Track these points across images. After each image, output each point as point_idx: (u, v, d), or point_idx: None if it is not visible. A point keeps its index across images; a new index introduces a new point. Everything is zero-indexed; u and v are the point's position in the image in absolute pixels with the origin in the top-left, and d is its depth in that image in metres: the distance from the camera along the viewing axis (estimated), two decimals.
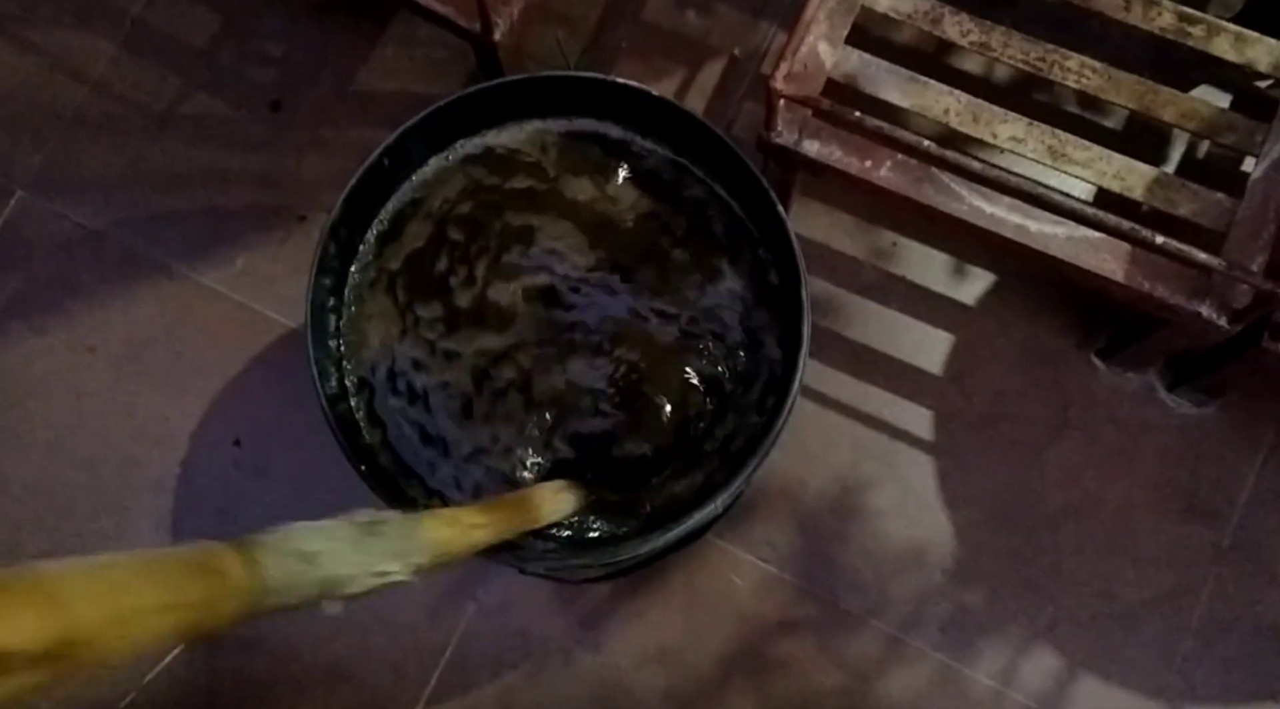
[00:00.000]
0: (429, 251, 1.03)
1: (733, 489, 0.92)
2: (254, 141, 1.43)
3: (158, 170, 1.41)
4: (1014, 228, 1.13)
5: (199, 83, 1.45)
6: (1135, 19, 1.17)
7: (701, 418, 0.99)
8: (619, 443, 0.98)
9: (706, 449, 0.98)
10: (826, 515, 1.32)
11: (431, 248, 1.03)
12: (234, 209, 1.41)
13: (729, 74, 1.46)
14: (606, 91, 1.03)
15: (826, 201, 1.41)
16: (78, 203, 1.40)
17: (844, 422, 1.35)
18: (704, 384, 1.00)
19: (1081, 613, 1.27)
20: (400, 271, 1.03)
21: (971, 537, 1.30)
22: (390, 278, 1.03)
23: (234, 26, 1.47)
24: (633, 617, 1.29)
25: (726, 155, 1.00)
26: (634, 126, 1.06)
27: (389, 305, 1.02)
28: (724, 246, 1.04)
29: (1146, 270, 1.10)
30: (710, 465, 0.98)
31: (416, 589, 1.27)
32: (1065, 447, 1.33)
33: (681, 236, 1.04)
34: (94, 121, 1.43)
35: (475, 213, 1.04)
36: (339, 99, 1.45)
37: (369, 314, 1.02)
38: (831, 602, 1.29)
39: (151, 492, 1.31)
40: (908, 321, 1.37)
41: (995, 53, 1.18)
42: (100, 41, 1.45)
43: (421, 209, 1.04)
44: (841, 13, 1.18)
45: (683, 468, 0.98)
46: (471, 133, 1.06)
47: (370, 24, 1.47)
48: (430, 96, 1.43)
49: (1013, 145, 1.14)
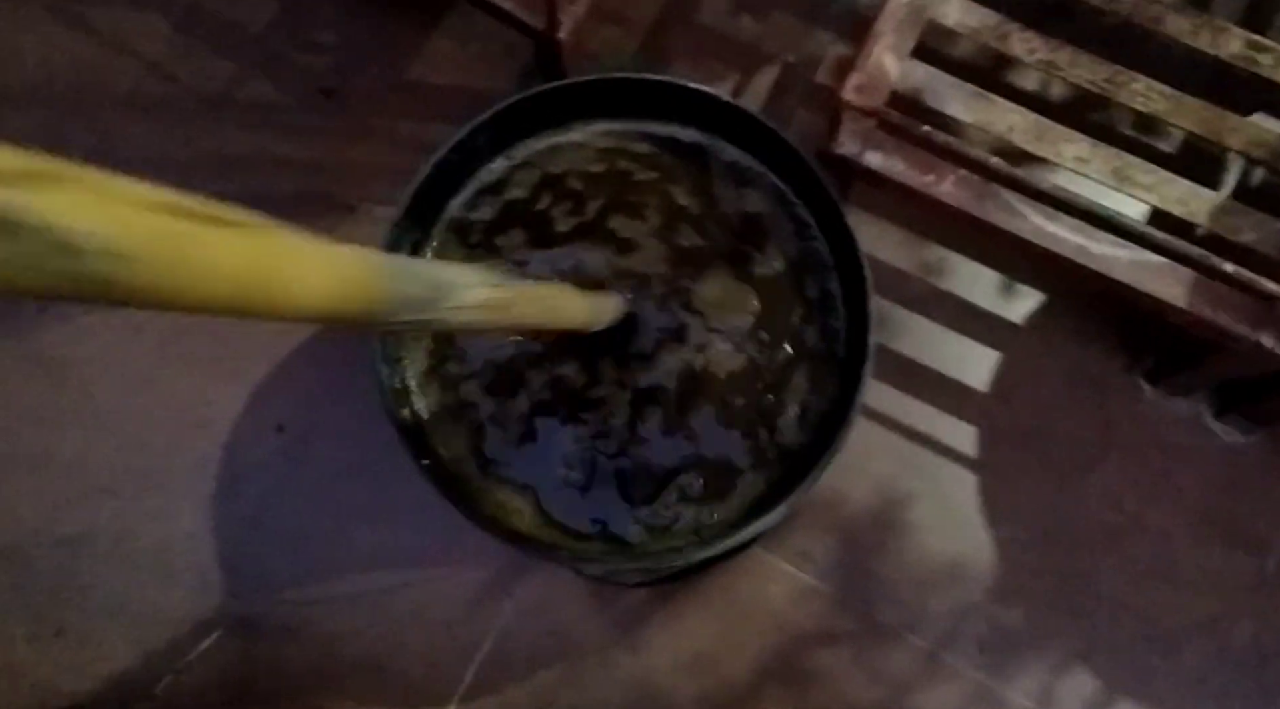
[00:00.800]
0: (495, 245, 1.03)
1: (790, 501, 0.92)
2: (305, 129, 1.43)
3: (208, 153, 1.41)
4: (1075, 248, 1.12)
5: (252, 67, 1.44)
6: (1204, 44, 1.17)
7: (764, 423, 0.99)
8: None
9: (769, 457, 0.98)
10: (866, 528, 1.31)
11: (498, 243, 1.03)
12: (283, 195, 1.41)
13: (782, 81, 1.46)
14: (679, 95, 1.02)
15: (875, 212, 1.40)
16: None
17: (887, 434, 1.34)
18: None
19: (1120, 637, 1.27)
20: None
21: (1011, 555, 1.30)
22: None
23: (289, 13, 1.46)
24: (669, 621, 1.29)
25: (798, 167, 1.00)
26: (702, 130, 1.05)
27: None
28: (787, 255, 1.03)
29: (1208, 297, 1.10)
30: (775, 472, 0.97)
31: (453, 585, 1.28)
32: (1108, 469, 1.32)
33: (743, 243, 1.03)
34: (147, 102, 1.42)
35: (543, 211, 1.03)
36: (391, 89, 1.44)
37: None
38: (868, 615, 1.28)
39: (193, 474, 1.31)
40: (954, 337, 1.37)
41: (1061, 71, 1.17)
42: (156, 22, 1.45)
43: (488, 205, 1.04)
44: (909, 25, 1.17)
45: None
46: (537, 131, 1.06)
47: (425, 16, 1.46)
48: (483, 90, 1.44)
49: (1077, 165, 1.13)
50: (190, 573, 1.29)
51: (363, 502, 1.31)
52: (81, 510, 1.30)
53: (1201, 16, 1.19)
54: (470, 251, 1.02)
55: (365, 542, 1.30)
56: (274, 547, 1.30)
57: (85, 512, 1.30)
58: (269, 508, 1.30)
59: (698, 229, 1.03)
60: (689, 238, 1.03)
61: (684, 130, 1.05)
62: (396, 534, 1.30)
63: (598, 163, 1.04)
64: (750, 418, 0.99)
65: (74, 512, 1.30)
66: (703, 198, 1.04)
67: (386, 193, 1.39)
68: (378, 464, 1.30)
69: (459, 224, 1.03)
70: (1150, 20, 1.19)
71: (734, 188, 1.05)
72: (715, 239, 1.03)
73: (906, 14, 1.18)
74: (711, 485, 0.98)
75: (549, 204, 1.03)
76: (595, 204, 1.03)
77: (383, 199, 1.39)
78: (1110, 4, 1.19)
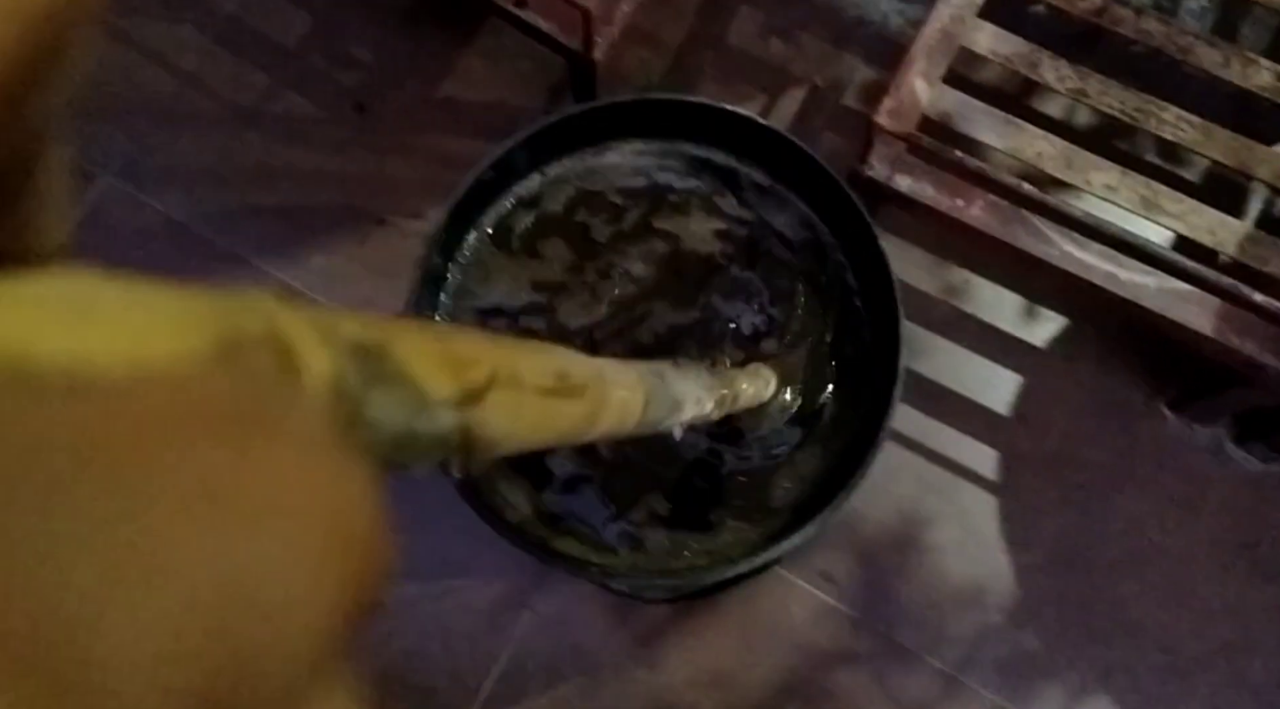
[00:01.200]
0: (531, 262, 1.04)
1: (822, 519, 0.93)
2: (337, 143, 1.44)
3: (241, 165, 1.43)
4: (1103, 275, 1.13)
5: (286, 81, 1.46)
6: (1233, 75, 1.18)
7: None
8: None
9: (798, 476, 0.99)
10: (886, 549, 1.32)
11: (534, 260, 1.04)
12: (314, 208, 1.42)
13: (810, 103, 1.47)
14: (715, 117, 1.03)
15: (900, 235, 1.41)
16: (161, 193, 1.41)
17: (908, 455, 1.35)
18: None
19: (1139, 663, 1.27)
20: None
21: (1031, 579, 1.30)
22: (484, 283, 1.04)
23: (323, 28, 1.48)
24: (688, 637, 1.29)
25: (830, 189, 1.01)
26: (735, 153, 1.07)
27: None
28: (816, 279, 1.04)
29: (1236, 326, 1.10)
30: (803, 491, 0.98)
31: (474, 596, 1.29)
32: (1130, 495, 1.33)
33: (775, 263, 1.05)
34: (182, 114, 1.44)
35: (578, 229, 1.04)
36: (423, 105, 1.46)
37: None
38: (888, 636, 1.29)
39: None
40: (977, 360, 1.38)
41: (1090, 99, 1.18)
42: (192, 35, 1.47)
43: (525, 216, 1.05)
44: (941, 52, 1.19)
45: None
46: (572, 149, 1.07)
47: (457, 33, 1.48)
48: (514, 107, 1.46)
49: (1106, 192, 1.14)
50: None
51: (410, 517, 1.31)
52: None
53: (1231, 47, 1.20)
54: (510, 256, 1.03)
55: None
56: None
57: None
58: None
59: (728, 249, 1.04)
60: (722, 257, 1.04)
61: (715, 152, 1.06)
62: (419, 547, 1.31)
63: (633, 180, 1.06)
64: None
65: None
66: (733, 218, 1.05)
67: (416, 207, 1.41)
68: (398, 476, 1.31)
69: (498, 232, 1.04)
70: (1180, 50, 1.20)
71: (766, 209, 1.06)
72: (747, 259, 1.04)
73: (939, 41, 1.19)
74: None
75: (585, 218, 1.04)
76: (632, 218, 1.04)
77: (412, 213, 1.41)
78: (1140, 34, 1.20)
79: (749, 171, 1.07)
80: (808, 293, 1.04)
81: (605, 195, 1.05)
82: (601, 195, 1.05)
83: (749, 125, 1.03)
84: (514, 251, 1.04)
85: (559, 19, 1.20)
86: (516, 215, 1.05)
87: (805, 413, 1.01)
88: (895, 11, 1.50)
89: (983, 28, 1.21)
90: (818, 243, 1.05)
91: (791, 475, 1.00)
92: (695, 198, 1.06)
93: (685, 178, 1.07)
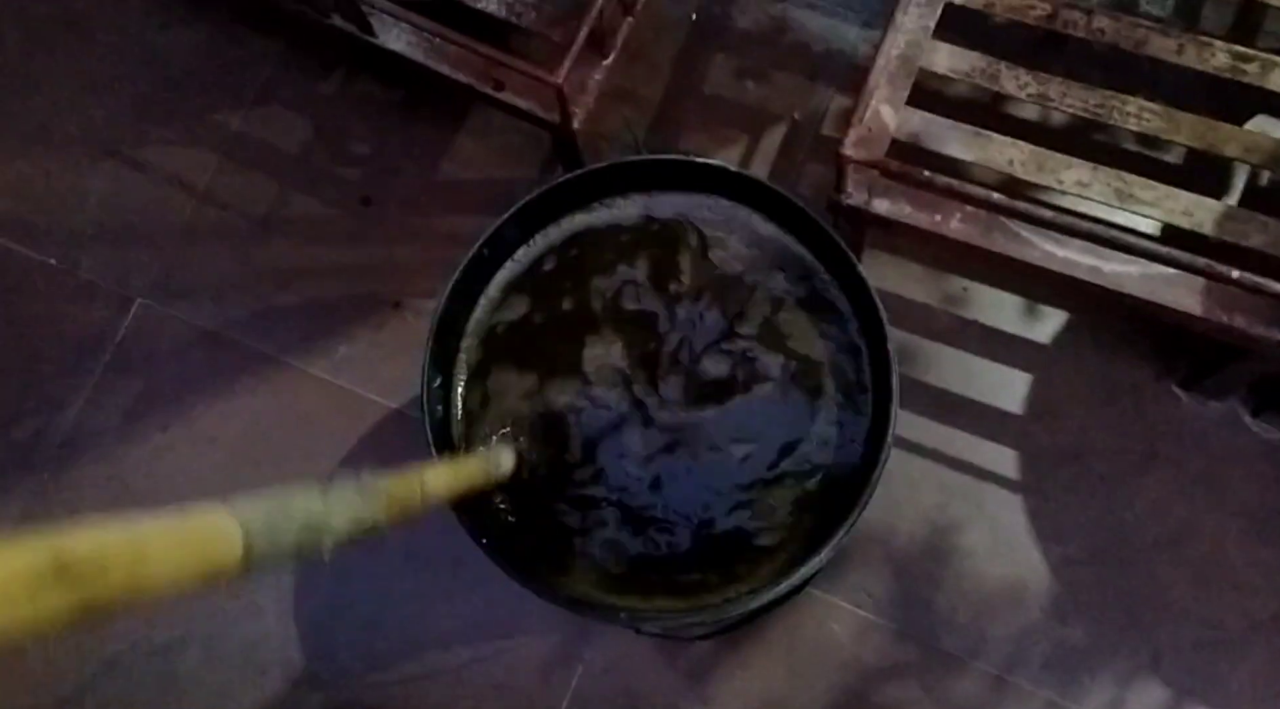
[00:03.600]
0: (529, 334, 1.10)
1: (837, 540, 0.96)
2: (348, 236, 1.52)
3: (262, 270, 1.51)
4: (1087, 269, 1.16)
5: (295, 186, 1.55)
6: (1190, 60, 1.21)
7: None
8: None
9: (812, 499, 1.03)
10: (919, 559, 1.34)
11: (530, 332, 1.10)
12: (333, 300, 1.50)
13: (791, 137, 1.53)
14: (684, 170, 1.09)
15: (895, 252, 1.45)
16: (192, 305, 1.50)
17: (929, 465, 1.38)
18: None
19: (1184, 643, 1.28)
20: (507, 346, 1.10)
21: (1066, 572, 1.32)
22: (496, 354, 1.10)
23: (324, 131, 1.57)
24: (737, 669, 1.32)
25: (806, 222, 1.06)
26: (712, 195, 1.12)
27: (502, 376, 1.09)
28: (805, 306, 1.09)
29: (1223, 302, 1.13)
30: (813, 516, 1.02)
31: (524, 654, 1.34)
32: (1154, 478, 1.34)
33: (764, 298, 1.09)
34: (203, 229, 1.53)
35: (573, 287, 1.10)
36: (424, 190, 1.53)
37: (487, 387, 1.09)
38: (932, 644, 1.31)
39: (273, 574, 1.39)
40: (985, 364, 1.41)
41: (1054, 102, 1.22)
42: (205, 155, 1.56)
43: (520, 290, 1.11)
44: (901, 76, 1.23)
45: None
46: (562, 214, 1.13)
47: (449, 118, 1.56)
48: (510, 181, 1.53)
49: (1079, 190, 1.18)
50: (279, 667, 1.36)
51: (433, 583, 1.37)
52: (174, 618, 1.38)
53: (1185, 34, 1.23)
54: (506, 347, 1.09)
55: (440, 620, 1.36)
56: (355, 633, 1.37)
57: (178, 619, 1.38)
58: (347, 596, 1.37)
59: (719, 288, 1.09)
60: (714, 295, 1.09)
61: (697, 198, 1.12)
62: (469, 611, 1.36)
63: (620, 236, 1.12)
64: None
65: (167, 620, 1.38)
66: (719, 260, 1.10)
67: (428, 286, 1.48)
68: (443, 545, 1.37)
69: (489, 327, 1.11)
70: (1135, 43, 1.24)
71: (749, 248, 1.11)
72: (739, 298, 1.09)
73: (898, 66, 1.24)
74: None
75: (572, 284, 1.10)
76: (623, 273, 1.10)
77: (425, 293, 1.48)
78: (1093, 33, 1.24)
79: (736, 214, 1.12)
80: (800, 319, 1.08)
81: (590, 256, 1.11)
82: (585, 257, 1.11)
83: (722, 174, 1.08)
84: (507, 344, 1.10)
85: (536, 96, 1.27)
86: (509, 299, 1.11)
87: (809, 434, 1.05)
88: (862, 40, 1.55)
89: (939, 48, 1.25)
90: (813, 273, 1.09)
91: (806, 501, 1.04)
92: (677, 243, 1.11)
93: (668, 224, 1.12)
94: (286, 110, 1.58)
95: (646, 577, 1.01)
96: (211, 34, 1.62)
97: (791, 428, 1.05)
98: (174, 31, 1.62)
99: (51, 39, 1.64)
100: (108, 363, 1.49)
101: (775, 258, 1.10)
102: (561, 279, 1.11)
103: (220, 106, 1.58)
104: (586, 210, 1.13)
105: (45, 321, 1.52)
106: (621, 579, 1.02)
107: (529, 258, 1.12)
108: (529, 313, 1.10)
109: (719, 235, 1.11)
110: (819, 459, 1.04)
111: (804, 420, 1.05)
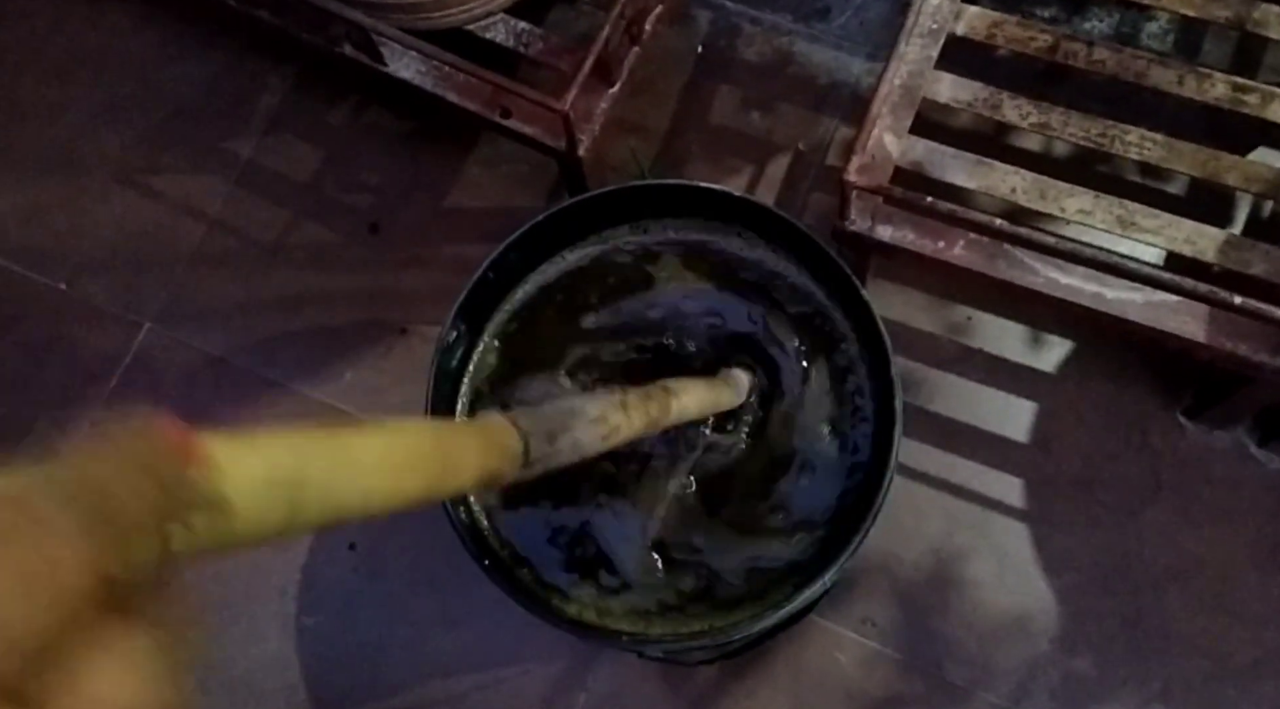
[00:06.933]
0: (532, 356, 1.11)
1: (839, 565, 0.96)
2: (356, 263, 1.53)
3: (270, 296, 1.52)
4: (1091, 296, 1.17)
5: (304, 213, 1.56)
6: (1189, 92, 1.22)
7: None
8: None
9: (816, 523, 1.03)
10: (924, 588, 1.34)
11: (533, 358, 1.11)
12: (340, 327, 1.51)
13: (795, 167, 1.54)
14: (688, 195, 1.10)
15: (899, 281, 1.46)
16: (200, 331, 1.51)
17: (934, 494, 1.37)
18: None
19: (1193, 675, 1.27)
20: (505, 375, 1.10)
21: (1073, 603, 1.31)
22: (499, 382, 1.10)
23: (333, 160, 1.59)
24: (741, 697, 1.31)
25: (811, 248, 1.07)
26: (715, 222, 1.13)
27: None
28: (809, 330, 1.09)
29: (1227, 330, 1.13)
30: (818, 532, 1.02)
31: (527, 682, 1.33)
32: (1161, 508, 1.33)
33: (769, 323, 1.10)
34: (212, 256, 1.55)
35: (575, 314, 1.11)
36: (432, 218, 1.55)
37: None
38: (937, 675, 1.30)
39: (276, 596, 1.38)
40: (989, 392, 1.41)
41: (1055, 132, 1.23)
42: (215, 183, 1.58)
43: (524, 314, 1.12)
44: (904, 106, 1.25)
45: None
46: (567, 243, 1.14)
47: (457, 147, 1.58)
48: (517, 209, 1.54)
49: (1081, 217, 1.19)
50: (280, 694, 1.35)
51: (436, 609, 1.37)
52: None
53: (1185, 65, 1.24)
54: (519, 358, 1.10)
55: (443, 647, 1.36)
56: (357, 660, 1.36)
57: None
58: (348, 623, 1.37)
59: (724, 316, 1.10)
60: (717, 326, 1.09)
61: (701, 225, 1.13)
62: (472, 638, 1.35)
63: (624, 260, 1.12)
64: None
65: None
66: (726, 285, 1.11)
67: (435, 314, 1.48)
68: (446, 571, 1.37)
69: (504, 335, 1.11)
70: (1136, 74, 1.25)
71: (755, 275, 1.11)
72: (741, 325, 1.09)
73: (900, 95, 1.25)
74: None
75: (580, 308, 1.11)
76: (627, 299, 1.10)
77: (432, 320, 1.48)
78: (1093, 65, 1.25)
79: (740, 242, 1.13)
80: (805, 347, 1.09)
81: (597, 281, 1.12)
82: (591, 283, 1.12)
83: (726, 199, 1.09)
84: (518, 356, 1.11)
85: (542, 124, 1.29)
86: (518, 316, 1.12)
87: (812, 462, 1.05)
88: (866, 72, 1.57)
89: (941, 78, 1.27)
90: (819, 300, 1.10)
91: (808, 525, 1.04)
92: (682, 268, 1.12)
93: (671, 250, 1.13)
94: (297, 139, 1.60)
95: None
96: (223, 65, 1.64)
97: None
98: (187, 63, 1.65)
99: (66, 73, 1.67)
100: (114, 387, 1.49)
101: (778, 283, 1.11)
102: (558, 311, 1.12)
103: (231, 135, 1.60)
104: (593, 237, 1.14)
105: (54, 345, 1.53)
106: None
107: (531, 285, 1.13)
108: (532, 344, 1.11)
109: (725, 261, 1.12)
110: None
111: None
